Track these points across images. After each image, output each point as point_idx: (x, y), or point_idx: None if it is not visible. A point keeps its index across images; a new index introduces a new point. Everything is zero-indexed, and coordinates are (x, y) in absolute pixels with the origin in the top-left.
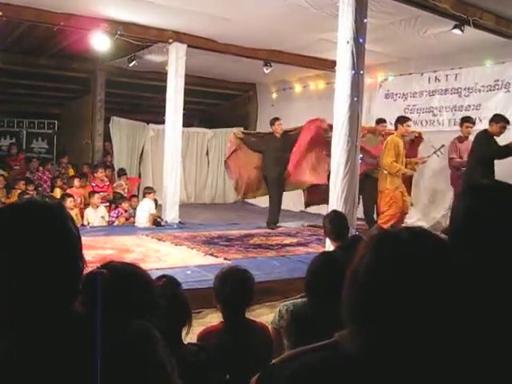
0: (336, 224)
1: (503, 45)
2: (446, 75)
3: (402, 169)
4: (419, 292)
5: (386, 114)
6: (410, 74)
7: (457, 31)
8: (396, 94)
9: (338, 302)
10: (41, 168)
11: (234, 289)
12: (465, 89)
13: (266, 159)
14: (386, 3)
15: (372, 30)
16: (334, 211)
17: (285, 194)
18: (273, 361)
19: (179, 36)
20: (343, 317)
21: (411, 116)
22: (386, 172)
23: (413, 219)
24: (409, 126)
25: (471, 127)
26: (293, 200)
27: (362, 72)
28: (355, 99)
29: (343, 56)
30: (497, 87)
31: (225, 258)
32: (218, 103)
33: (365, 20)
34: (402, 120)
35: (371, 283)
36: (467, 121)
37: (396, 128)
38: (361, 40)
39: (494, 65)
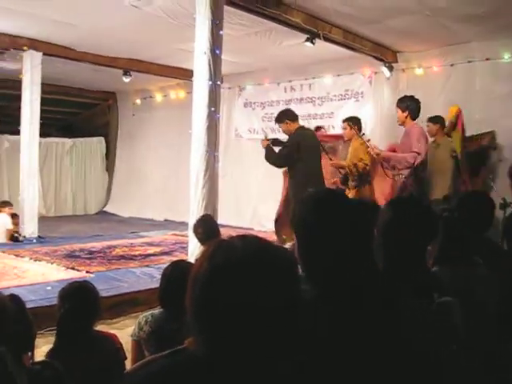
0: (206, 228)
1: (351, 57)
2: (301, 85)
3: None
4: (247, 296)
5: (246, 122)
6: (268, 83)
7: (309, 44)
8: (254, 103)
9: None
10: None
11: (73, 305)
12: (318, 98)
13: None
14: (242, 16)
15: (229, 41)
16: (204, 216)
17: (147, 202)
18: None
19: (34, 43)
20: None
21: (269, 124)
22: None
23: None
24: None
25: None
26: (156, 209)
27: (218, 82)
28: (212, 109)
29: (200, 66)
30: (347, 96)
31: (87, 271)
32: (77, 112)
33: (221, 32)
34: None
35: (206, 290)
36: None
37: None
38: (217, 51)
39: (344, 75)
